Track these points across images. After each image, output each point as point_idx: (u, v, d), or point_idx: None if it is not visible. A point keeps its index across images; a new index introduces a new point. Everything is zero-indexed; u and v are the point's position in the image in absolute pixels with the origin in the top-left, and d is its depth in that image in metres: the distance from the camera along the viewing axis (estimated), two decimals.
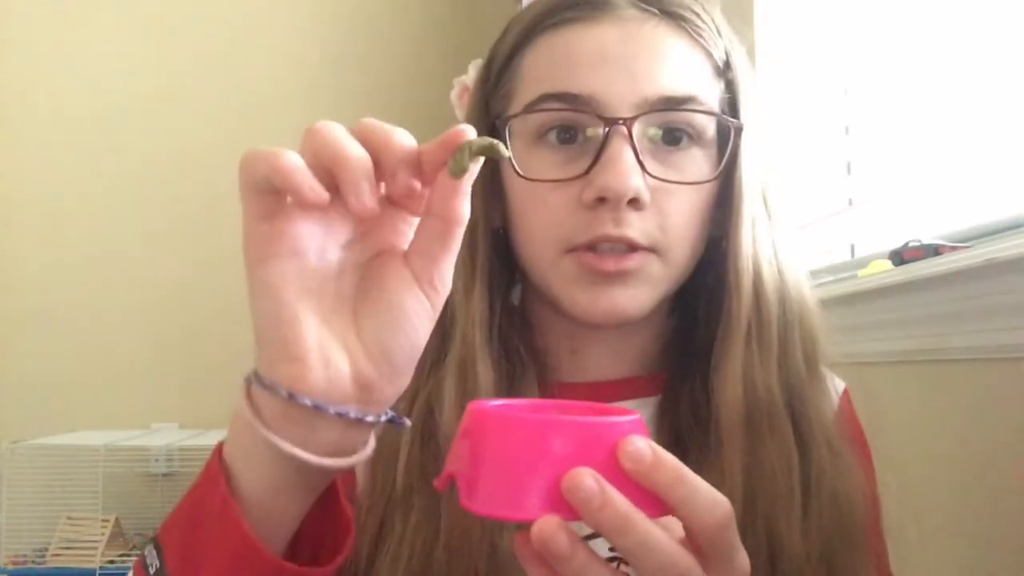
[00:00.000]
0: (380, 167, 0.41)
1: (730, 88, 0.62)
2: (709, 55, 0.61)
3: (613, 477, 0.36)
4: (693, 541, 0.38)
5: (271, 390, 0.42)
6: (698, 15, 0.61)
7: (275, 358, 0.42)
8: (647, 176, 0.57)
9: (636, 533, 0.36)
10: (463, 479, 0.39)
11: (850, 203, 1.43)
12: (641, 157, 0.57)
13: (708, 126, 0.60)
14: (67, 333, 2.46)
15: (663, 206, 0.58)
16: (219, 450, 0.46)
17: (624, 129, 0.56)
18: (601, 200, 0.57)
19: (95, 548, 2.00)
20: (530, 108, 0.60)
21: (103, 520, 2.04)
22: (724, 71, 0.62)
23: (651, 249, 0.59)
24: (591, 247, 0.58)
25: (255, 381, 0.42)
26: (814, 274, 1.23)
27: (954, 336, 0.90)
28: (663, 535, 0.37)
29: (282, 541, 0.45)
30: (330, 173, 0.40)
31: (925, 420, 0.97)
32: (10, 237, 2.48)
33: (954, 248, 0.95)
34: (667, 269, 0.60)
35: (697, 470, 0.38)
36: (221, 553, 0.43)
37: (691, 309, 0.65)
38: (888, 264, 1.05)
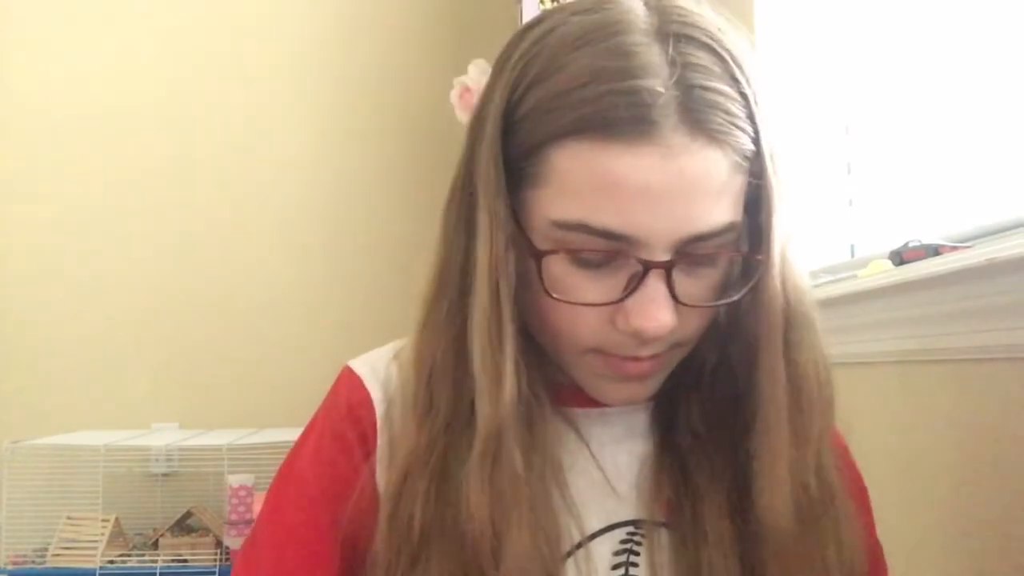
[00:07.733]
0: None
1: (757, 173, 0.57)
2: (743, 162, 0.56)
3: None
4: None
5: None
6: (732, 117, 0.55)
7: None
8: (680, 306, 0.57)
9: None
10: None
11: (850, 203, 1.43)
12: (675, 288, 0.56)
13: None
14: (67, 333, 2.46)
15: (687, 317, 0.58)
16: None
17: (662, 270, 0.55)
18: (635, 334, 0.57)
19: (95, 548, 2.00)
20: (566, 235, 0.56)
21: (103, 520, 2.05)
22: (754, 158, 0.57)
23: (674, 346, 0.60)
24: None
25: None
26: (813, 275, 1.23)
27: (954, 336, 0.90)
28: None
29: None
30: None
31: (925, 420, 0.97)
32: (10, 237, 2.48)
33: (954, 248, 0.95)
34: (685, 350, 0.62)
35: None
36: None
37: None
38: (888, 264, 1.05)
